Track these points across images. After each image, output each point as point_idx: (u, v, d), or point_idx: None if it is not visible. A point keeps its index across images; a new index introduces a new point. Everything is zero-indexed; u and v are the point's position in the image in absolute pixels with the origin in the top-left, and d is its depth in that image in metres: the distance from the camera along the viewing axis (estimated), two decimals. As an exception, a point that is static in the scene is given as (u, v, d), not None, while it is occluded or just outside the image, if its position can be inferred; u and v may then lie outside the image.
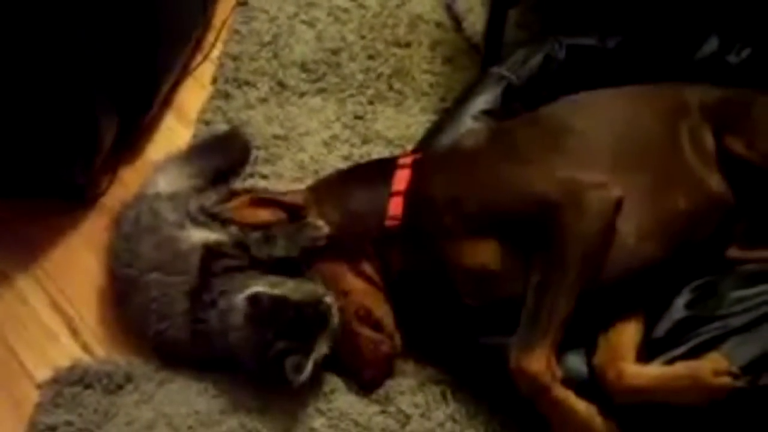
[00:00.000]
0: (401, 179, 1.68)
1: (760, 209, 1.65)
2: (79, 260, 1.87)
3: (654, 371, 1.50)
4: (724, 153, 1.65)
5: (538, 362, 1.47)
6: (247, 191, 1.81)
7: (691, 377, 1.45)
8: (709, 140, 1.66)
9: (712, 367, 1.44)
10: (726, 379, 1.43)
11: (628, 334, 1.56)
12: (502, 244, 1.57)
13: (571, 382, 1.50)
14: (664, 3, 1.97)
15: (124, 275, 1.70)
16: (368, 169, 1.83)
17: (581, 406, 1.49)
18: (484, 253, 1.58)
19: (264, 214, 1.70)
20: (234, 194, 1.78)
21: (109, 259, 1.77)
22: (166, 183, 1.81)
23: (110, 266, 1.76)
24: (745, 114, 1.68)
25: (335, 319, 1.58)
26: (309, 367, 1.53)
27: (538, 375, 1.47)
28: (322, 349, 1.57)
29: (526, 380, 1.48)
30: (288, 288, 1.58)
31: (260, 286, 1.56)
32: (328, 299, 1.58)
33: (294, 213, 1.70)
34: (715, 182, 1.62)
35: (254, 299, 1.53)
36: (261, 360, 1.55)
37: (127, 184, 2.00)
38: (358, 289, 1.66)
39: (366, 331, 1.62)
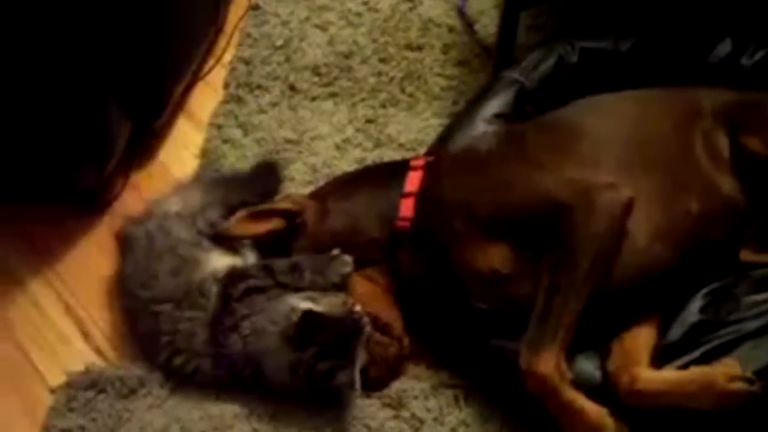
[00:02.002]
0: (413, 181, 1.68)
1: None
2: (92, 264, 1.87)
3: (667, 376, 1.50)
4: (739, 154, 1.64)
5: (546, 364, 1.47)
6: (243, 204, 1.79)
7: (705, 382, 1.44)
8: (722, 143, 1.65)
9: (726, 372, 1.44)
10: (740, 385, 1.42)
11: (642, 338, 1.56)
12: (512, 247, 1.57)
13: (583, 386, 1.50)
14: (678, 5, 1.96)
15: (136, 295, 1.69)
16: (380, 171, 1.83)
17: (591, 408, 1.48)
18: (495, 257, 1.57)
19: (264, 225, 1.71)
20: (232, 209, 1.76)
21: (120, 274, 1.76)
22: (182, 205, 1.78)
23: (121, 282, 1.75)
24: (760, 114, 1.67)
25: (368, 327, 1.57)
26: (357, 378, 1.54)
27: (548, 376, 1.47)
28: (361, 357, 1.56)
29: (535, 382, 1.48)
30: (323, 303, 1.58)
31: (306, 303, 1.56)
32: (358, 307, 1.58)
33: (291, 219, 1.71)
34: (728, 185, 1.62)
35: (307, 318, 1.52)
36: (303, 380, 1.55)
37: (140, 188, 2.01)
38: (365, 293, 1.65)
39: (373, 335, 1.62)
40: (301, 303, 1.57)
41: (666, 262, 1.56)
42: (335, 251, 1.65)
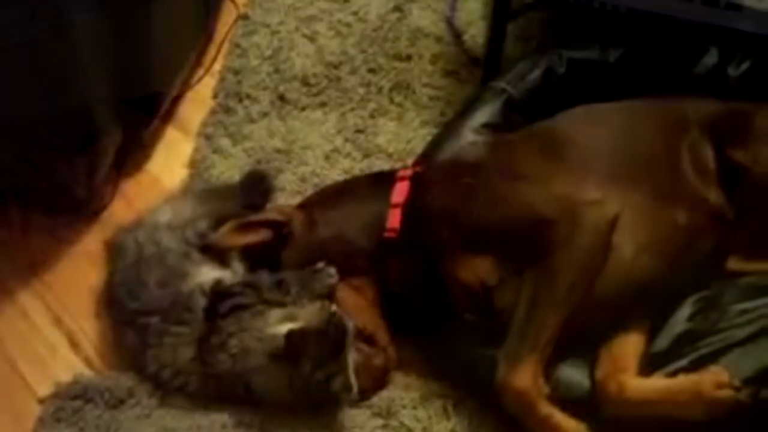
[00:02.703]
0: (401, 191, 1.69)
1: (760, 221, 1.65)
2: (81, 274, 1.87)
3: (655, 384, 1.50)
4: (725, 165, 1.65)
5: (523, 377, 1.47)
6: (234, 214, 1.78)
7: (693, 390, 1.45)
8: (708, 154, 1.66)
9: (714, 380, 1.44)
10: (728, 392, 1.43)
11: (630, 346, 1.56)
12: (498, 259, 1.57)
13: (570, 396, 1.50)
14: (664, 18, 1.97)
15: (123, 305, 1.68)
16: (367, 181, 1.83)
17: (569, 424, 1.47)
18: (481, 268, 1.58)
19: (251, 237, 1.72)
20: (221, 220, 1.76)
21: (109, 283, 1.75)
22: (172, 215, 1.78)
23: (109, 291, 1.75)
24: (746, 126, 1.68)
25: (350, 323, 1.56)
26: (353, 380, 1.53)
27: (524, 391, 1.46)
28: (353, 358, 1.56)
29: (511, 396, 1.48)
30: (302, 316, 1.58)
31: (285, 325, 1.56)
32: (334, 307, 1.58)
33: (278, 229, 1.71)
34: (714, 195, 1.63)
35: (291, 338, 1.53)
36: (301, 393, 1.55)
37: (129, 198, 2.01)
38: (351, 304, 1.65)
39: (358, 345, 1.62)
40: (281, 326, 1.56)
41: (653, 273, 1.57)
42: (320, 264, 1.65)
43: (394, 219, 1.66)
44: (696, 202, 1.61)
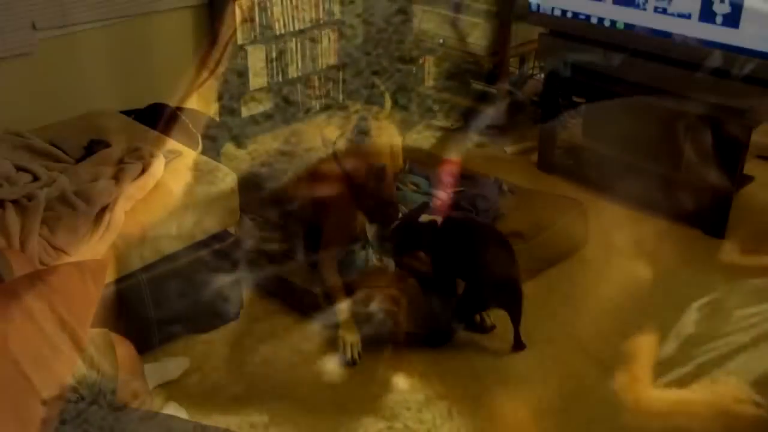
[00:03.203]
0: (449, 174, 1.71)
1: (754, 226, 1.67)
2: (85, 279, 1.86)
3: (673, 396, 1.50)
4: (723, 145, 1.68)
5: None
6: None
7: (711, 403, 1.45)
8: (707, 138, 1.69)
9: (733, 393, 1.44)
10: (747, 407, 1.43)
11: (645, 356, 1.57)
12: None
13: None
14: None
15: (146, 316, 1.69)
16: (423, 154, 1.85)
17: None
18: (499, 265, 1.60)
19: (327, 187, 1.74)
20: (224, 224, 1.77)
21: (121, 293, 1.74)
22: (176, 225, 1.79)
23: (122, 300, 1.74)
24: (741, 117, 1.71)
25: None
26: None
27: None
28: None
29: None
30: None
31: None
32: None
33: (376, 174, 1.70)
34: (714, 175, 1.65)
35: None
36: None
37: (134, 201, 2.00)
38: (378, 279, 1.68)
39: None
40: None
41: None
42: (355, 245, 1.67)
43: (444, 200, 1.68)
44: (695, 182, 1.64)
